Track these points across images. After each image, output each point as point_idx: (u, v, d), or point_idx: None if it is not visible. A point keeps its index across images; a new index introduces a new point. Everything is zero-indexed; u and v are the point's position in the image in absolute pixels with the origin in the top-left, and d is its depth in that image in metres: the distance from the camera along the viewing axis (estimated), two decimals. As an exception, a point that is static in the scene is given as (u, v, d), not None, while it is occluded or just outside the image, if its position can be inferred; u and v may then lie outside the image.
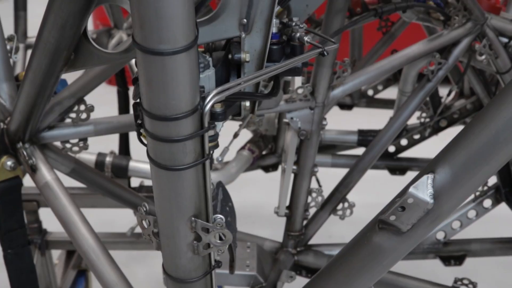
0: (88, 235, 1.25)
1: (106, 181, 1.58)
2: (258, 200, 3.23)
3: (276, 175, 2.41)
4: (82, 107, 1.34)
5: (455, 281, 1.60)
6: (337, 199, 1.68)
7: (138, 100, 0.93)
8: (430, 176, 0.80)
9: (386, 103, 2.69)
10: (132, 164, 1.89)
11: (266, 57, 0.87)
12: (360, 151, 2.35)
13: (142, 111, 0.74)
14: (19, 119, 1.24)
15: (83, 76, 1.31)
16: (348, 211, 1.70)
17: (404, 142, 2.23)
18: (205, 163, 0.79)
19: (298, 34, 0.90)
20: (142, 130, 0.87)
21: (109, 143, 2.15)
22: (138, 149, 2.41)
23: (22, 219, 1.41)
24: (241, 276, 1.50)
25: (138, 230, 1.97)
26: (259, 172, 2.34)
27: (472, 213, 1.73)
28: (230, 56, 0.86)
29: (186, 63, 0.69)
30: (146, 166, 1.91)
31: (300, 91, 1.50)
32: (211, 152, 0.80)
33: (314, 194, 1.66)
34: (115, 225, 2.39)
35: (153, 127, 0.73)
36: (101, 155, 1.90)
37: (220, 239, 0.84)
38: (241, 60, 0.85)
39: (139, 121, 0.88)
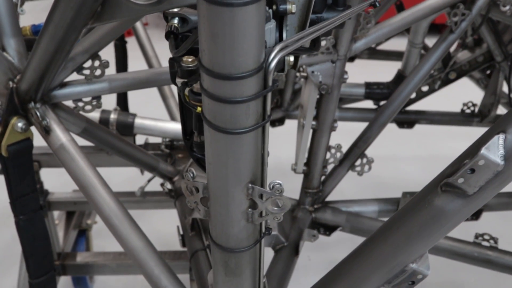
0: (110, 199, 1.19)
1: (118, 141, 1.51)
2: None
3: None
4: (97, 63, 1.25)
5: (476, 236, 1.58)
6: (355, 154, 1.63)
7: (176, 55, 0.86)
8: (502, 136, 0.75)
9: (388, 55, 2.63)
10: (138, 121, 1.81)
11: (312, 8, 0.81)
12: (365, 104, 2.32)
13: (201, 70, 0.67)
14: (33, 77, 1.15)
15: (97, 30, 1.22)
16: (366, 167, 1.66)
17: (412, 94, 2.17)
18: (265, 126, 0.72)
19: (342, -17, 0.84)
20: (187, 91, 0.80)
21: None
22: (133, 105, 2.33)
23: (34, 183, 1.34)
24: (262, 236, 1.46)
25: (147, 189, 1.91)
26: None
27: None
28: (274, 7, 0.79)
29: (255, 15, 0.62)
30: (152, 123, 1.83)
31: (322, 43, 1.42)
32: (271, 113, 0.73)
33: (333, 150, 1.61)
34: (110, 183, 2.32)
35: (215, 87, 0.66)
36: (105, 112, 1.81)
37: (276, 205, 0.79)
38: (286, 11, 0.78)
39: (183, 80, 0.81)
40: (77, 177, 1.20)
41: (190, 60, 0.84)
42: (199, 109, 0.80)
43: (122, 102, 2.23)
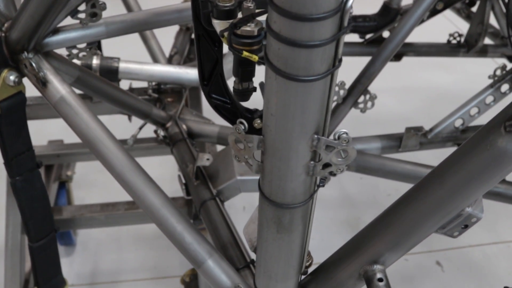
0: (121, 154, 1.10)
1: (112, 88, 1.40)
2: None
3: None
4: (93, 6, 1.13)
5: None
6: (359, 91, 1.57)
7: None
8: None
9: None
10: (122, 66, 1.68)
11: None
12: (351, 37, 2.24)
13: (273, 9, 0.58)
14: (28, 24, 1.02)
15: (93, -33, 1.09)
16: (369, 104, 1.61)
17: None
18: (334, 72, 0.65)
19: None
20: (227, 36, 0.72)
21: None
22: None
23: (29, 140, 1.23)
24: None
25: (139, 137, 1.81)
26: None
27: (489, 99, 1.68)
28: None
29: None
30: (138, 67, 1.71)
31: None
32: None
33: (336, 88, 1.55)
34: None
35: (290, 29, 0.58)
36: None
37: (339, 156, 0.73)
38: None
39: (230, 21, 0.72)
40: (81, 132, 1.10)
41: (227, -2, 0.75)
42: (245, 53, 0.72)
43: (96, 46, 2.08)
